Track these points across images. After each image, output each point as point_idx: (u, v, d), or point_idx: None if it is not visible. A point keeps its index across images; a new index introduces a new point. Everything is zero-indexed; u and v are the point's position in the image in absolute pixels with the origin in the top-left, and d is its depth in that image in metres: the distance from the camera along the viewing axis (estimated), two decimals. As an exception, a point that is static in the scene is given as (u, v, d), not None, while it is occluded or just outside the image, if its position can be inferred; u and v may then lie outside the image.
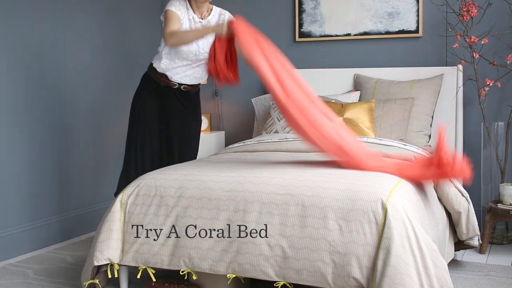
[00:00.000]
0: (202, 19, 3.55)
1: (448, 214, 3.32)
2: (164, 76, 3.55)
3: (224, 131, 4.97)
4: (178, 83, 3.58)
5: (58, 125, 4.09)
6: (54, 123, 4.05)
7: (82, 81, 4.29)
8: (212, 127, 5.05)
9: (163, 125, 3.61)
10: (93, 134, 4.41)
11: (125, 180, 3.58)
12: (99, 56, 4.45)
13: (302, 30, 4.69)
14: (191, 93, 3.65)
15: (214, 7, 3.64)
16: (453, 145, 4.16)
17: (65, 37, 4.12)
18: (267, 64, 2.93)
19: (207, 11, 3.58)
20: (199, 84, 3.72)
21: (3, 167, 3.68)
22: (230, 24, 3.19)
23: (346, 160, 2.91)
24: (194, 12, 3.53)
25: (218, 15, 3.62)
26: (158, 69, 3.55)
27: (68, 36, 4.15)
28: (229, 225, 2.74)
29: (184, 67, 3.54)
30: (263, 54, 2.94)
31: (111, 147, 4.60)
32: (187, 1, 3.53)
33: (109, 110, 4.56)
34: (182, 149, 3.65)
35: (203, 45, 3.50)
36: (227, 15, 3.65)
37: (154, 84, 3.59)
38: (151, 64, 3.61)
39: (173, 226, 2.84)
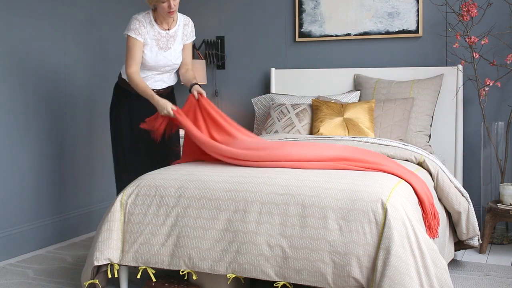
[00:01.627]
0: (168, 29, 3.54)
1: (448, 214, 3.32)
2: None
3: (224, 131, 4.96)
4: (152, 89, 3.57)
5: (57, 126, 4.09)
6: (53, 124, 4.05)
7: (80, 83, 4.30)
8: (212, 127, 5.05)
9: (139, 132, 3.55)
10: (92, 134, 4.41)
11: (120, 188, 3.62)
12: (98, 57, 4.45)
13: (302, 30, 4.69)
14: (164, 95, 3.64)
15: (179, 16, 3.61)
16: (453, 145, 4.16)
17: (65, 38, 4.12)
18: (204, 139, 3.30)
19: (173, 20, 3.57)
20: (172, 85, 3.73)
21: (3, 168, 3.68)
22: (174, 113, 3.39)
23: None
24: (160, 24, 3.51)
25: (182, 25, 3.60)
26: (127, 79, 3.55)
27: (68, 37, 4.15)
28: (229, 225, 2.74)
29: (154, 75, 3.58)
30: (200, 130, 3.36)
31: (111, 147, 4.60)
32: (151, 15, 3.51)
33: (108, 110, 4.55)
34: (164, 153, 3.64)
35: (171, 57, 3.54)
36: (190, 25, 3.64)
37: (125, 93, 3.62)
38: (120, 74, 3.64)
39: (173, 226, 2.84)
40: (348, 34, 4.55)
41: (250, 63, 4.90)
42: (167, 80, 3.66)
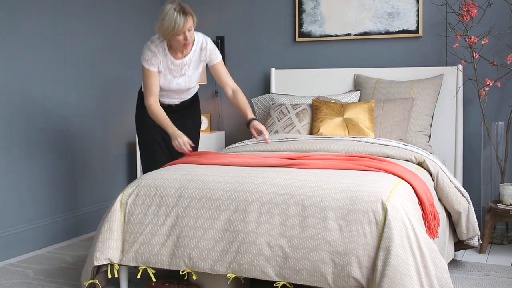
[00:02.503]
0: (184, 57, 3.44)
1: (448, 214, 3.32)
2: None
3: (224, 131, 4.97)
4: (168, 104, 3.60)
5: (58, 127, 4.09)
6: (54, 125, 4.05)
7: (83, 86, 4.30)
8: (212, 127, 5.05)
9: (164, 134, 3.62)
10: (93, 135, 4.41)
11: None
12: (100, 59, 4.45)
13: (302, 30, 4.69)
14: (185, 104, 3.66)
15: (196, 38, 3.46)
16: (453, 145, 4.16)
17: (64, 40, 4.13)
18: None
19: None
20: (192, 96, 3.71)
21: (3, 168, 3.68)
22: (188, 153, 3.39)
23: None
24: (174, 53, 3.42)
25: (199, 51, 3.47)
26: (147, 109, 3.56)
27: (68, 39, 4.15)
28: (229, 225, 2.74)
29: (170, 93, 3.56)
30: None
31: (110, 149, 4.60)
32: (165, 43, 3.41)
33: (109, 112, 4.56)
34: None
35: (184, 83, 3.51)
36: (208, 49, 3.48)
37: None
38: (141, 87, 3.63)
39: (173, 226, 2.84)
40: (348, 34, 4.55)
41: (250, 63, 4.91)
42: (186, 96, 3.62)
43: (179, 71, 3.46)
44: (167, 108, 3.62)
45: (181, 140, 3.31)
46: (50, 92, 4.02)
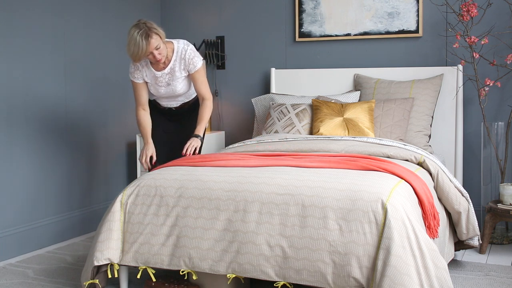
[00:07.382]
0: (165, 68, 3.51)
1: (448, 214, 3.32)
2: (153, 100, 3.71)
3: (224, 131, 4.97)
4: (168, 107, 3.71)
5: (58, 127, 4.09)
6: (53, 125, 4.05)
7: (83, 86, 4.29)
8: (212, 127, 5.05)
9: (167, 135, 3.73)
10: (93, 135, 4.41)
11: None
12: (100, 59, 4.45)
13: (302, 30, 4.69)
14: (185, 108, 3.73)
15: (176, 47, 3.52)
16: (453, 145, 4.16)
17: (64, 40, 4.13)
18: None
19: (166, 58, 3.49)
20: (191, 100, 3.75)
21: (3, 168, 3.68)
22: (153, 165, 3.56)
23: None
24: (156, 65, 3.50)
25: (179, 60, 3.53)
26: None
27: (68, 39, 4.15)
28: (229, 225, 2.74)
29: (164, 98, 3.66)
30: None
31: (110, 149, 4.60)
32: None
33: (109, 112, 4.56)
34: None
35: (173, 91, 3.57)
36: (187, 58, 3.50)
37: (154, 107, 3.75)
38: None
39: (173, 226, 2.84)
40: (348, 34, 4.55)
41: (250, 63, 4.90)
42: (183, 99, 3.70)
43: (163, 81, 3.55)
44: (167, 111, 3.71)
45: (144, 155, 3.54)
46: (50, 92, 4.02)
